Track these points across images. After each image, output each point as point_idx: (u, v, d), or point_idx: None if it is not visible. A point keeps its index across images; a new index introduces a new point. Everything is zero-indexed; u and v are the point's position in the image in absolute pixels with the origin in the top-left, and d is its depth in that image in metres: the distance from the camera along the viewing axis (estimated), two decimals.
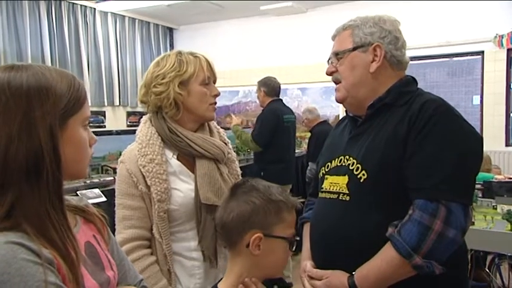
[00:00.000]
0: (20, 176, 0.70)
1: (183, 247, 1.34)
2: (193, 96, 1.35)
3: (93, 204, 0.95)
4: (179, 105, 1.34)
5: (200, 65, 1.36)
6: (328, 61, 1.37)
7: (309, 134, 5.00)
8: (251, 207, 1.02)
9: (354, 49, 1.26)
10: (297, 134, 4.76)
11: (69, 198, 0.88)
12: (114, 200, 1.38)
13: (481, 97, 6.07)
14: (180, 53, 1.38)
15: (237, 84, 7.18)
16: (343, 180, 1.24)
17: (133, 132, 1.44)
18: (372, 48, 1.24)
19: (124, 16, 7.27)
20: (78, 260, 0.73)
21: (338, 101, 1.34)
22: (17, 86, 0.72)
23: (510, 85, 6.04)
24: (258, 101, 4.12)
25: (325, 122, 4.90)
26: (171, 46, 8.23)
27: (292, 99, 6.95)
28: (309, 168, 4.53)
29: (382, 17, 1.29)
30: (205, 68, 1.37)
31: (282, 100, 4.06)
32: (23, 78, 0.73)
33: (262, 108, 4.05)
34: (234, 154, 1.49)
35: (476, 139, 1.16)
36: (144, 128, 1.38)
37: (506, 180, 3.09)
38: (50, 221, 0.72)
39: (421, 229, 1.06)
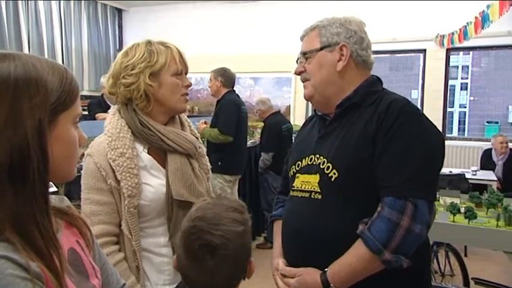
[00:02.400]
0: (2, 174, 0.64)
1: (152, 243, 1.32)
2: (164, 88, 1.31)
3: None
4: (150, 97, 1.30)
5: (172, 56, 1.32)
6: (297, 61, 1.39)
7: (261, 124, 5.05)
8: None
9: (321, 49, 1.30)
10: (249, 124, 4.80)
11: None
12: (66, 191, 1.33)
13: (422, 92, 6.44)
14: (149, 42, 1.33)
15: (189, 71, 7.06)
16: (314, 178, 1.26)
17: (81, 117, 1.38)
18: (339, 48, 1.28)
19: None
20: (62, 270, 0.68)
21: (306, 98, 1.37)
22: (4, 76, 0.65)
23: (448, 82, 6.46)
24: (210, 90, 4.10)
25: (278, 112, 4.96)
26: (120, 28, 7.90)
27: (245, 88, 6.96)
28: (261, 158, 4.58)
29: (348, 18, 1.33)
30: (178, 60, 1.33)
31: (235, 91, 4.08)
32: (10, 68, 0.66)
33: (214, 97, 4.05)
34: (204, 148, 1.47)
35: (439, 138, 1.23)
36: (113, 120, 1.32)
37: (447, 173, 3.32)
38: (37, 226, 0.66)
39: (390, 225, 1.11)
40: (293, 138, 4.80)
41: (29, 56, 0.71)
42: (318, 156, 1.28)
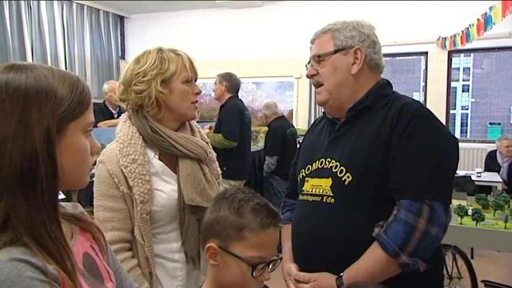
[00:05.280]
0: (15, 182, 0.66)
1: (164, 249, 1.32)
2: (175, 95, 1.32)
3: None
4: (161, 104, 1.31)
5: (182, 63, 1.33)
6: (307, 64, 1.38)
7: (264, 128, 5.05)
8: (214, 216, 0.98)
9: (336, 52, 1.29)
10: (252, 129, 4.81)
11: (64, 205, 0.83)
12: (73, 198, 1.33)
13: (424, 95, 6.44)
14: (161, 50, 1.34)
15: None
16: (326, 182, 1.25)
17: None
18: (353, 51, 1.28)
19: (71, 1, 6.90)
20: (75, 272, 0.70)
21: (320, 103, 1.36)
22: (15, 87, 0.68)
23: (450, 84, 6.47)
24: (213, 94, 4.12)
25: (282, 117, 4.96)
26: (122, 35, 7.94)
27: (247, 93, 6.97)
28: (266, 162, 4.58)
29: (360, 22, 1.33)
30: (188, 67, 1.34)
31: (238, 97, 4.10)
32: (22, 79, 0.68)
33: (217, 102, 4.07)
34: (214, 154, 1.48)
35: (453, 140, 1.23)
36: (124, 127, 1.33)
37: None
38: (47, 232, 0.68)
39: (407, 228, 1.10)
40: (297, 142, 4.81)
41: (43, 67, 0.73)
42: (329, 159, 1.28)
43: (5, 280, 0.61)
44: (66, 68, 6.78)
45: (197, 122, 1.64)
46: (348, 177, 1.21)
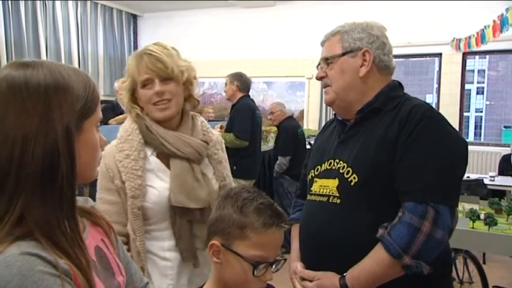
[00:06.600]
0: (35, 180, 0.66)
1: (156, 246, 1.33)
2: (141, 102, 1.34)
3: None
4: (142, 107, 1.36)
5: (139, 68, 1.30)
6: (317, 66, 1.38)
7: (274, 128, 5.04)
8: (219, 214, 0.99)
9: (344, 54, 1.28)
10: (263, 128, 4.80)
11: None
12: (85, 192, 1.35)
13: (438, 97, 6.36)
14: (134, 55, 1.35)
15: (202, 76, 7.08)
16: (333, 183, 1.25)
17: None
18: (361, 53, 1.27)
19: (86, 0, 6.97)
20: (89, 267, 0.70)
21: (327, 103, 1.36)
22: (35, 85, 0.68)
23: (464, 87, 6.37)
24: (224, 94, 4.12)
25: (292, 117, 4.95)
26: (135, 34, 8.00)
27: (258, 93, 6.96)
28: (278, 162, 4.56)
29: (370, 23, 1.32)
30: (145, 66, 1.29)
31: (250, 96, 4.10)
32: (40, 76, 0.69)
33: (227, 102, 4.07)
34: (222, 154, 1.45)
35: (462, 143, 1.21)
36: (127, 123, 1.36)
37: (465, 178, 3.26)
38: (60, 228, 0.68)
39: (411, 230, 1.10)
40: (306, 142, 4.79)
41: (52, 62, 0.74)
42: (337, 161, 1.27)
43: (16, 273, 0.61)
44: (79, 66, 6.87)
45: (208, 121, 1.64)
46: (354, 178, 1.21)
